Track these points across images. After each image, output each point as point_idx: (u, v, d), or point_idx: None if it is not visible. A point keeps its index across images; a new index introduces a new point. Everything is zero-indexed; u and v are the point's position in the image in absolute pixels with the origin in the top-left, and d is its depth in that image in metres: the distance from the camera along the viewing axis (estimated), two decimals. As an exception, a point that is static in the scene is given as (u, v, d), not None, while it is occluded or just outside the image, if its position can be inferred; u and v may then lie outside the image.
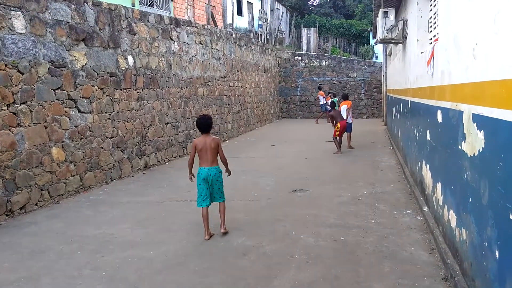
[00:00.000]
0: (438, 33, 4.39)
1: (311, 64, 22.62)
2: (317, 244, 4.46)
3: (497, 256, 2.37)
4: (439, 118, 4.31)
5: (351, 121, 11.40)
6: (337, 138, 10.60)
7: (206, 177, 4.70)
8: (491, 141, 2.54)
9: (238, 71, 15.56)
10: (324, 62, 22.50)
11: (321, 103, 19.52)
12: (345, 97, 12.29)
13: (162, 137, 9.65)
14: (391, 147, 11.36)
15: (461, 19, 3.39)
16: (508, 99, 2.20)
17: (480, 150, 2.75)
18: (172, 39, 10.28)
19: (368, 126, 17.32)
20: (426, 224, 4.87)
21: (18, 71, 5.70)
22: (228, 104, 14.34)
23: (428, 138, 5.10)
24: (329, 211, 5.64)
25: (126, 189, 7.19)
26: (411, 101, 7.20)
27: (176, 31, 10.55)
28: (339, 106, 18.01)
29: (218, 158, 4.85)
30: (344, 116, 11.14)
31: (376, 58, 26.93)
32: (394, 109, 11.72)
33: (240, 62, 15.82)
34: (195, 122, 4.95)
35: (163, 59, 9.81)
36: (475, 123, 2.85)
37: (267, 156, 10.41)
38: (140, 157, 8.73)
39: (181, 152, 10.61)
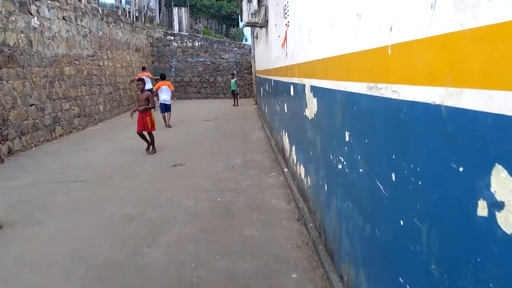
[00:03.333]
0: (289, 21, 5.27)
1: (184, 45, 22.79)
2: (197, 205, 5.04)
3: (325, 188, 3.27)
4: (292, 92, 5.24)
5: (170, 103, 12.00)
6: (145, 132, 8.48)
7: None
8: (320, 105, 3.41)
9: (107, 49, 14.95)
10: (197, 42, 22.88)
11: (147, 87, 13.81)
12: (163, 77, 12.61)
13: (26, 120, 8.98)
14: (260, 123, 12.55)
15: (302, 10, 4.24)
16: (327, 71, 3.05)
17: (315, 113, 3.64)
18: (31, 14, 9.49)
19: (241, 106, 18.50)
20: (286, 182, 5.87)
21: None
22: (99, 85, 13.78)
23: (286, 110, 6.07)
24: (207, 179, 6.27)
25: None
26: (273, 79, 8.21)
27: (36, 5, 9.75)
28: (236, 87, 18.84)
29: None
30: (167, 98, 11.81)
31: (246, 40, 28.41)
32: (262, 88, 12.89)
33: (109, 40, 15.20)
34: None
35: (22, 35, 9.03)
36: (312, 92, 3.73)
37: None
38: (2, 143, 8.05)
39: (48, 135, 10.00)
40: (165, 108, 12.00)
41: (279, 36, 6.67)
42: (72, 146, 9.34)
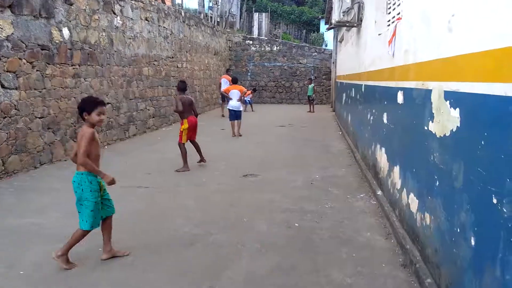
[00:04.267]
0: (401, 11, 4.19)
1: (262, 49, 22.31)
2: (271, 230, 4.16)
3: (472, 243, 2.17)
4: (400, 99, 4.14)
5: (241, 109, 10.82)
6: (183, 144, 6.75)
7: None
8: (470, 120, 2.32)
9: (187, 52, 14.85)
10: (275, 47, 22.28)
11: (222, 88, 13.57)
12: (235, 81, 11.31)
13: (102, 118, 8.84)
14: (340, 132, 11.39)
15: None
16: (496, 70, 1.98)
17: (453, 130, 2.55)
18: (114, 13, 9.42)
19: (317, 112, 17.43)
20: (380, 208, 4.75)
21: None
22: (174, 86, 13.63)
23: (385, 121, 4.96)
24: (282, 195, 5.37)
25: (58, 174, 6.43)
26: (365, 85, 7.09)
27: (120, 5, 9.69)
28: (312, 92, 17.99)
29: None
30: (237, 104, 10.57)
31: (326, 45, 27.22)
32: (344, 95, 11.73)
33: (189, 43, 15.10)
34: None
35: (104, 34, 8.95)
36: (449, 101, 2.64)
37: (216, 140, 9.97)
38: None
39: (122, 135, 9.86)
40: (235, 115, 10.65)
41: (379, 34, 5.58)
42: (144, 147, 9.05)
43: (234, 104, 10.67)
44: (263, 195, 5.42)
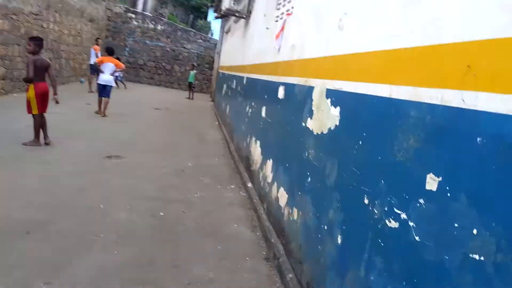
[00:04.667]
0: (292, 7, 4.15)
1: (146, 26, 20.95)
2: (131, 219, 3.72)
3: (338, 242, 2.15)
4: (281, 94, 4.11)
5: (113, 85, 9.54)
6: (40, 115, 5.71)
7: None
8: (353, 120, 2.30)
9: (56, 11, 12.94)
10: (159, 26, 21.15)
11: (91, 61, 12.89)
12: (110, 52, 9.92)
13: None
14: (217, 123, 11.31)
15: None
16: (383, 71, 1.96)
17: (331, 128, 2.53)
18: None
19: (196, 100, 17.11)
20: (249, 200, 4.71)
21: None
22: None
23: (263, 115, 4.93)
24: (148, 181, 4.93)
25: None
26: (247, 77, 7.05)
27: None
28: (194, 79, 17.26)
29: None
30: (110, 79, 9.36)
31: (212, 35, 27.03)
32: (225, 86, 11.66)
33: (60, 2, 13.19)
34: None
35: None
36: (330, 99, 2.62)
37: (79, 116, 8.85)
38: None
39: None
40: (104, 90, 9.27)
41: (267, 28, 5.54)
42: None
43: (105, 78, 9.37)
44: (126, 180, 4.89)
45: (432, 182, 1.48)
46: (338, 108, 2.50)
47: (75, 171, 4.88)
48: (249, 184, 5.04)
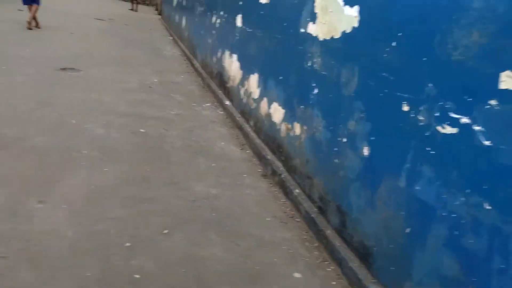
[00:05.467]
0: None
1: None
2: (111, 136, 3.40)
3: (365, 153, 2.10)
4: (265, -2, 3.75)
5: None
6: None
7: None
8: (373, 17, 2.12)
9: None
10: None
11: None
12: None
13: None
14: (171, 38, 10.50)
15: None
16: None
17: (348, 31, 2.34)
18: None
19: (140, 13, 15.66)
20: (229, 118, 4.52)
21: None
22: None
23: (239, 24, 4.55)
24: (116, 97, 4.51)
25: None
26: (212, -17, 6.40)
27: None
28: None
29: None
30: None
31: None
32: (177, -4, 10.65)
33: None
34: None
35: None
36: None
37: (18, 23, 7.68)
38: None
39: None
40: None
41: None
42: None
43: None
44: (90, 94, 4.43)
45: (509, 81, 1.41)
46: (356, 7, 2.29)
47: (29, 82, 4.31)
48: (227, 102, 4.81)
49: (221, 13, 5.50)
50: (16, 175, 2.49)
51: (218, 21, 5.64)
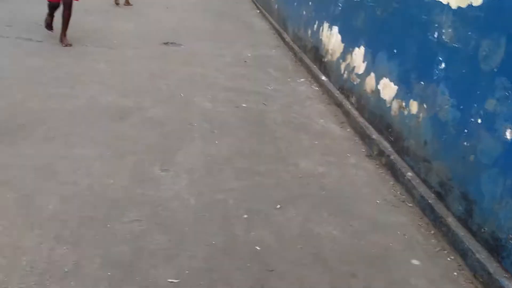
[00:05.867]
0: None
1: None
2: (217, 110, 3.52)
3: (507, 136, 1.90)
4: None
5: None
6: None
7: None
8: None
9: None
10: None
11: None
12: None
13: None
14: (258, 11, 10.47)
15: None
16: None
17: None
18: None
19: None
20: (326, 95, 4.42)
21: None
22: None
23: (345, -5, 4.35)
24: (216, 70, 4.64)
25: None
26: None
27: None
28: None
29: None
30: None
31: None
32: (266, -33, 10.51)
33: None
34: None
35: None
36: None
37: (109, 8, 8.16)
38: None
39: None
40: None
41: None
42: None
43: None
44: (192, 68, 4.60)
45: None
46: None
47: (138, 56, 4.59)
48: (323, 77, 4.69)
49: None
50: (140, 143, 2.69)
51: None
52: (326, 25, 4.89)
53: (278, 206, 2.30)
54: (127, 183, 2.26)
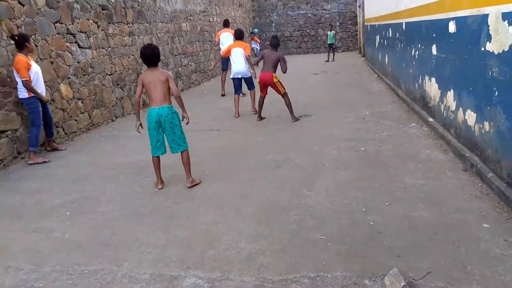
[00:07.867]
0: None
1: (285, -3, 22.15)
2: (341, 154, 4.87)
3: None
4: (451, 28, 4.62)
5: (249, 75, 7.51)
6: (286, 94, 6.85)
7: (158, 119, 3.93)
8: None
9: (216, 5, 15.12)
10: (298, -6, 22.06)
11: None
12: (239, 36, 7.49)
13: (155, 74, 9.53)
14: (376, 75, 11.79)
15: None
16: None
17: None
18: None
19: (346, 59, 17.63)
20: (433, 132, 5.37)
21: (19, 2, 5.43)
22: (210, 41, 14.07)
23: (434, 52, 5.45)
24: (340, 129, 6.04)
25: (133, 125, 7.23)
26: (406, 22, 7.46)
27: (157, -38, 10.03)
28: (334, 40, 17.59)
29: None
30: (243, 68, 7.40)
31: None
32: (377, 37, 11.98)
33: (217, -4, 15.32)
34: (140, 53, 3.97)
35: (147, -9, 9.43)
36: (506, 21, 3.18)
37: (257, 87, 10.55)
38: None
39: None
40: (240, 85, 7.54)
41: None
42: (195, 100, 9.77)
43: (238, 69, 7.39)
44: (322, 130, 6.10)
45: None
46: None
47: (282, 128, 6.33)
48: (430, 119, 5.67)
49: (419, 45, 6.47)
50: (290, 179, 4.18)
51: (417, 53, 6.62)
52: (427, 77, 5.97)
53: (386, 203, 3.45)
54: (289, 198, 3.73)
